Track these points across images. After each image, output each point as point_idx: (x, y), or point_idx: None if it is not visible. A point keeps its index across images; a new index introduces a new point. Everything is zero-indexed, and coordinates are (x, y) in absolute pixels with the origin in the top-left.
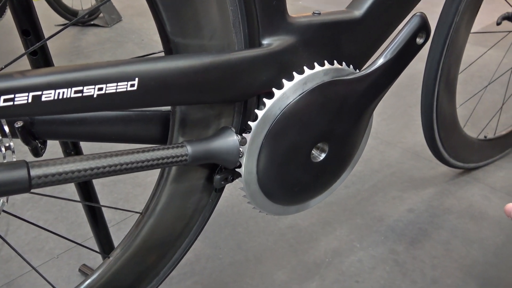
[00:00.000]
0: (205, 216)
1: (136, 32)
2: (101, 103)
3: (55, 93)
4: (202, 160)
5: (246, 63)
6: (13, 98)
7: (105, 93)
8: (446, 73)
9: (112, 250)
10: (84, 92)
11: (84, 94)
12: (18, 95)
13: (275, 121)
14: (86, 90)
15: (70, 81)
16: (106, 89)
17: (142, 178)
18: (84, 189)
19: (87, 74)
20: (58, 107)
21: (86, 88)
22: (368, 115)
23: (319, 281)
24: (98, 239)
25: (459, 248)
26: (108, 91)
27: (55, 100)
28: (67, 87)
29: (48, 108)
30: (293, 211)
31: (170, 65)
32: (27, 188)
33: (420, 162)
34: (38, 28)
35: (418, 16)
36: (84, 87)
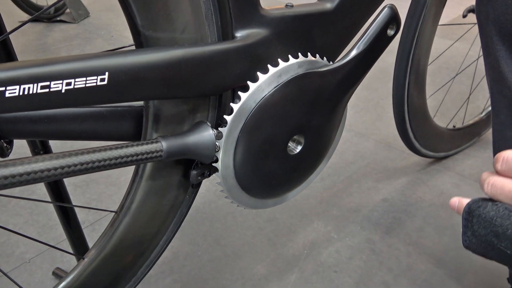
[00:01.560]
0: (182, 213)
1: (104, 28)
2: (70, 98)
3: (20, 89)
4: (177, 155)
5: (220, 56)
6: None
7: (74, 88)
8: (416, 65)
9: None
10: (51, 87)
11: (51, 90)
12: None
13: (251, 114)
14: (53, 85)
15: (35, 76)
16: (75, 84)
17: (115, 177)
18: (55, 189)
19: (53, 69)
20: (23, 103)
21: (54, 83)
22: (343, 106)
23: (298, 273)
24: (71, 241)
25: (432, 235)
26: (77, 86)
27: (20, 96)
28: (33, 82)
29: (13, 105)
30: (271, 204)
31: (141, 58)
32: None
33: (393, 152)
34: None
35: (388, 8)
36: (51, 82)
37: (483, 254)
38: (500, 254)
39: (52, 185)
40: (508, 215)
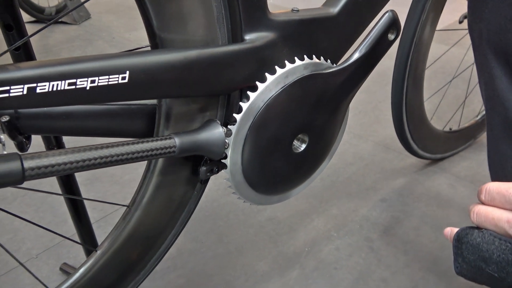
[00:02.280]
0: (190, 208)
1: (105, 30)
2: (94, 95)
3: (50, 85)
4: (189, 151)
5: (230, 58)
6: (8, 90)
7: (98, 86)
8: (414, 69)
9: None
10: (77, 84)
11: (77, 86)
12: (14, 87)
13: (259, 113)
14: (79, 82)
15: (63, 73)
16: (99, 81)
17: (119, 176)
18: (67, 183)
19: (80, 67)
20: (52, 99)
21: (79, 80)
22: (345, 106)
23: (299, 269)
24: (81, 234)
25: (428, 234)
26: (100, 84)
27: (49, 92)
28: (61, 80)
29: (43, 100)
30: (276, 200)
31: (158, 59)
32: (21, 180)
33: (391, 154)
34: (20, 23)
35: (389, 13)
36: (77, 80)
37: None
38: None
39: (64, 180)
40: (493, 240)
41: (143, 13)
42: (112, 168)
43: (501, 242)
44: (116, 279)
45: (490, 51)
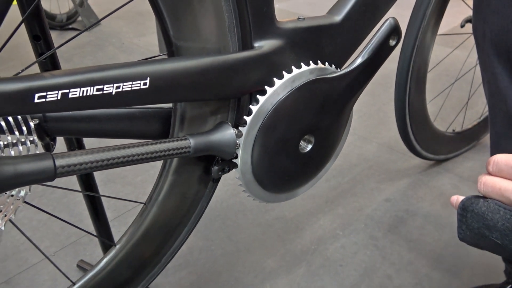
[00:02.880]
0: (202, 206)
1: (115, 36)
2: (118, 99)
3: (80, 91)
4: (203, 151)
5: (241, 64)
6: (45, 96)
7: (122, 91)
8: (416, 72)
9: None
10: (104, 90)
11: (104, 92)
12: (50, 93)
13: (268, 116)
14: (106, 88)
15: (92, 80)
16: (123, 87)
17: (132, 178)
18: (86, 182)
19: (107, 74)
20: (82, 103)
21: (106, 86)
22: (349, 109)
23: (306, 267)
24: (98, 230)
25: (432, 232)
26: (124, 89)
27: (80, 97)
28: (90, 86)
29: (74, 104)
30: (284, 198)
31: (176, 66)
32: (53, 177)
33: (395, 155)
34: (47, 34)
35: (390, 20)
36: (104, 86)
37: (476, 245)
38: (492, 244)
39: (83, 178)
40: (498, 210)
41: (161, 23)
42: (124, 170)
43: (506, 212)
44: (133, 272)
45: (493, 51)
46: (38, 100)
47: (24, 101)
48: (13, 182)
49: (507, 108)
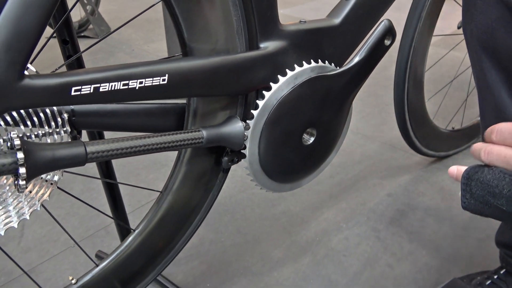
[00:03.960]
0: (214, 195)
1: (125, 43)
2: (141, 94)
3: (109, 85)
4: (214, 142)
5: (248, 63)
6: (80, 89)
7: (144, 86)
8: (414, 72)
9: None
10: (129, 85)
11: (129, 87)
12: (84, 87)
13: (273, 110)
14: (131, 83)
15: (120, 76)
16: (145, 82)
17: (144, 176)
18: (106, 171)
19: (132, 71)
20: (110, 96)
21: (131, 81)
22: (348, 104)
23: (311, 256)
24: (116, 217)
25: (432, 225)
26: (146, 84)
27: (108, 91)
28: (118, 81)
29: (103, 97)
30: (288, 188)
31: (190, 64)
32: (84, 162)
33: (397, 153)
34: (74, 38)
35: (385, 22)
36: (129, 81)
37: (480, 213)
38: (496, 212)
39: (103, 168)
40: (503, 177)
41: (177, 27)
42: (137, 168)
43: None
44: (150, 256)
45: (480, 48)
46: (74, 93)
47: (63, 94)
48: (51, 165)
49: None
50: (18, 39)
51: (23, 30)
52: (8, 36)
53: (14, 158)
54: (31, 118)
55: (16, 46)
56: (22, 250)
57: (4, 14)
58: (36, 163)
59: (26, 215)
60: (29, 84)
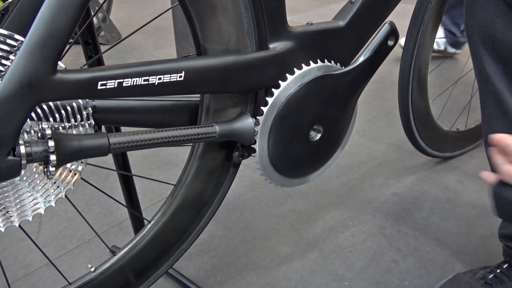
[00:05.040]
0: (224, 189)
1: (136, 49)
2: (159, 89)
3: (132, 81)
4: (226, 137)
5: (258, 62)
6: (106, 83)
7: (163, 82)
8: (417, 73)
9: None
10: (149, 80)
11: (149, 82)
12: (109, 81)
13: (281, 107)
14: (151, 79)
15: (141, 72)
16: (164, 79)
17: (155, 175)
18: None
19: (152, 68)
20: (132, 91)
21: (151, 77)
22: (353, 102)
23: (318, 252)
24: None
25: (437, 223)
26: (164, 80)
27: (131, 85)
28: (139, 77)
29: (126, 91)
30: (296, 183)
31: (205, 62)
32: (107, 152)
33: (403, 154)
34: (95, 40)
35: (388, 24)
36: (149, 77)
37: (509, 221)
38: None
39: (120, 161)
40: None
41: (191, 28)
42: (149, 168)
43: None
44: (164, 247)
45: (479, 41)
46: (100, 87)
47: (90, 87)
48: (78, 154)
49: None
50: (52, 37)
51: (56, 30)
52: (43, 35)
53: (45, 147)
54: (59, 112)
55: (50, 44)
56: (40, 245)
57: (40, 16)
58: (65, 152)
59: (52, 202)
60: (61, 78)
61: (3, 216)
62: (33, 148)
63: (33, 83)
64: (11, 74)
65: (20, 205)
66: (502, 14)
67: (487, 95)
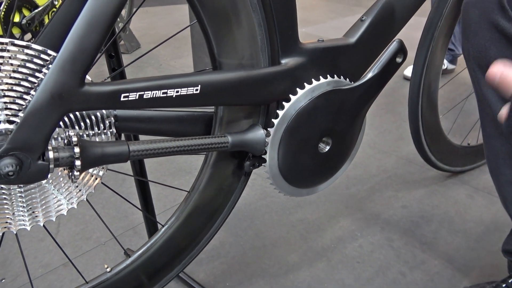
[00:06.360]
0: (235, 197)
1: (154, 58)
2: (177, 101)
3: (151, 93)
4: (238, 147)
5: (270, 76)
6: (128, 96)
7: (180, 95)
8: (427, 88)
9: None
10: (168, 93)
11: (167, 95)
12: (131, 94)
13: (291, 119)
14: (169, 92)
15: (160, 85)
16: (181, 92)
17: (170, 182)
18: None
19: (170, 81)
20: (152, 102)
21: (169, 90)
22: (362, 116)
23: (326, 262)
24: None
25: (445, 236)
26: (182, 93)
27: (151, 98)
28: (158, 90)
29: (146, 103)
30: (305, 193)
31: (219, 76)
32: (127, 158)
33: (413, 168)
34: (119, 53)
35: (397, 41)
36: (168, 90)
37: None
38: None
39: (137, 167)
40: None
41: (208, 44)
42: (164, 175)
43: None
44: (176, 251)
45: (476, 65)
46: (123, 99)
47: (114, 99)
48: (100, 160)
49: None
50: (82, 53)
51: (86, 47)
52: (74, 51)
53: (71, 152)
54: (84, 120)
55: (80, 59)
56: None
57: (72, 34)
58: (89, 158)
59: (74, 204)
60: (88, 90)
61: (30, 216)
62: (61, 154)
63: (63, 94)
64: (44, 86)
65: (45, 206)
66: (496, 41)
67: (486, 116)
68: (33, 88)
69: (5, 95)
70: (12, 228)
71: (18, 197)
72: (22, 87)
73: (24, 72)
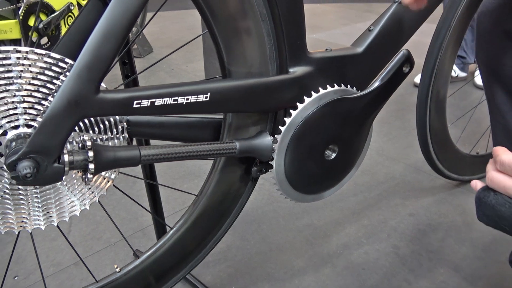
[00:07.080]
0: (242, 202)
1: (166, 62)
2: (187, 108)
3: (163, 100)
4: (245, 153)
5: (278, 85)
6: (140, 103)
7: (190, 102)
8: (436, 96)
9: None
10: (178, 100)
11: (178, 102)
12: (143, 101)
13: (298, 127)
14: (179, 99)
15: (171, 93)
16: (191, 99)
17: (179, 185)
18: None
19: (181, 89)
20: (163, 109)
21: (180, 98)
22: (368, 124)
23: (331, 268)
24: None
25: (452, 245)
26: (192, 100)
27: (162, 105)
28: (169, 97)
29: (158, 110)
30: (310, 199)
31: (229, 84)
32: (138, 162)
33: (421, 175)
34: (132, 60)
35: (404, 51)
36: (178, 97)
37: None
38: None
39: (147, 171)
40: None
41: (218, 52)
42: (173, 178)
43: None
44: (184, 253)
45: (489, 74)
46: (135, 106)
47: (127, 106)
48: (113, 164)
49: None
50: (98, 62)
51: (102, 55)
52: (90, 59)
53: (85, 156)
54: (98, 125)
55: (96, 68)
56: None
57: (89, 43)
58: (102, 161)
59: (87, 206)
60: (103, 97)
61: (44, 216)
62: (75, 157)
63: (80, 101)
64: (61, 93)
65: (59, 206)
66: (509, 50)
67: (497, 125)
68: (50, 94)
69: (24, 100)
70: (27, 227)
71: (34, 198)
72: (40, 93)
73: (43, 79)
